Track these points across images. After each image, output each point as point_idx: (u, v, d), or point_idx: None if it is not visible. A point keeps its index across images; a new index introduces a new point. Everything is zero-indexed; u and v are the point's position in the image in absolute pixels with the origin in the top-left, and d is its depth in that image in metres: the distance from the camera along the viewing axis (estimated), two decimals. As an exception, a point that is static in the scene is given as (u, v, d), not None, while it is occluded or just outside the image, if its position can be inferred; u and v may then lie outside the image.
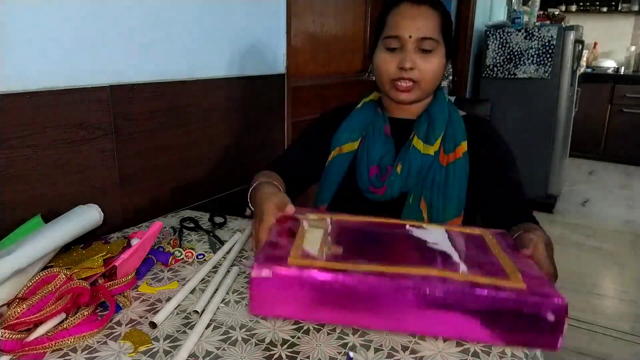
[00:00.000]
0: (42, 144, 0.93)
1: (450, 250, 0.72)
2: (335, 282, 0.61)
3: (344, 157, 1.07)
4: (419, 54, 0.98)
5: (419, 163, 1.00)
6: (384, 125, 1.06)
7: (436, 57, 0.99)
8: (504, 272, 0.65)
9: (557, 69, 3.18)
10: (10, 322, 0.62)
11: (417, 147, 1.01)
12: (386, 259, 0.67)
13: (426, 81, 0.99)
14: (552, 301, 0.58)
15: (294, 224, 0.77)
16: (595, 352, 1.87)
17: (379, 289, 0.60)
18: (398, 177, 1.00)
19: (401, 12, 0.99)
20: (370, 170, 1.02)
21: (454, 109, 1.06)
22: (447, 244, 0.74)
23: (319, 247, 0.69)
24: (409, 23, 0.97)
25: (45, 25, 0.92)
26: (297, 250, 0.66)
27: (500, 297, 0.59)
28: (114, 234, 1.05)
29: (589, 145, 4.81)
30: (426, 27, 0.97)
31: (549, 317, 0.58)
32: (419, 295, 0.60)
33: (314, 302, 0.61)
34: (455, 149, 1.00)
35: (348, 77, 2.23)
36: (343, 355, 0.61)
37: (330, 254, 0.67)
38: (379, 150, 1.03)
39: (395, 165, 1.01)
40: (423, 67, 0.98)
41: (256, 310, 0.63)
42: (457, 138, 1.01)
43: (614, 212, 3.46)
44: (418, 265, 0.65)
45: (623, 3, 4.92)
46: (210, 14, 1.29)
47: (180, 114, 1.23)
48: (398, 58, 0.98)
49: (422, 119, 1.04)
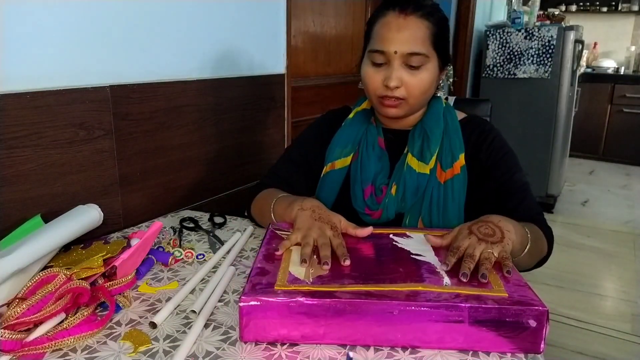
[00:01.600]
0: (42, 144, 0.93)
1: (433, 261, 0.74)
2: (322, 306, 0.62)
3: (337, 174, 1.03)
4: (406, 70, 0.91)
5: (414, 183, 0.96)
6: (378, 137, 1.02)
7: (425, 72, 0.92)
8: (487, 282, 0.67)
9: (557, 69, 3.18)
10: (10, 322, 0.62)
11: (412, 165, 0.97)
12: (371, 277, 0.68)
13: (414, 97, 0.93)
14: (534, 309, 0.60)
15: (280, 244, 0.78)
16: (595, 352, 1.87)
17: (367, 312, 0.61)
18: (393, 199, 0.97)
19: (387, 22, 0.91)
20: (365, 191, 0.98)
21: (452, 116, 1.01)
22: (430, 254, 0.76)
23: (305, 268, 0.70)
24: (394, 36, 0.90)
25: (45, 25, 0.92)
26: (284, 275, 0.68)
27: (484, 309, 0.61)
28: (114, 234, 1.05)
29: (589, 145, 4.81)
30: (414, 41, 0.89)
31: (531, 324, 0.60)
32: (404, 314, 0.61)
33: (303, 326, 0.62)
34: (453, 164, 0.96)
35: (348, 77, 2.23)
36: (343, 356, 0.61)
37: (316, 276, 0.68)
38: (373, 167, 1.00)
39: (390, 186, 0.97)
40: (410, 84, 0.91)
41: (247, 337, 0.64)
42: (454, 151, 0.97)
43: (614, 212, 3.46)
44: (403, 281, 0.66)
45: (623, 3, 4.92)
46: (210, 14, 1.29)
47: (180, 114, 1.23)
48: (383, 74, 0.92)
49: (416, 134, 0.99)
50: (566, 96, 3.25)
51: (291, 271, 0.69)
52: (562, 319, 2.08)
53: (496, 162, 0.98)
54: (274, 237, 0.83)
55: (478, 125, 1.02)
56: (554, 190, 3.45)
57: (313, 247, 0.76)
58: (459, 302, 0.61)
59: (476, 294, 0.63)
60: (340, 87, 2.18)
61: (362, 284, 0.66)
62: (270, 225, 0.88)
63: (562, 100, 3.25)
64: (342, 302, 0.62)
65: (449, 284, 0.66)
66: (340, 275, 0.69)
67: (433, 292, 0.64)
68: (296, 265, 0.71)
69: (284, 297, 0.62)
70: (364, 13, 2.30)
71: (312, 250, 0.75)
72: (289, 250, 0.77)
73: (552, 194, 3.45)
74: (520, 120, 3.33)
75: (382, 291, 0.64)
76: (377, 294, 0.63)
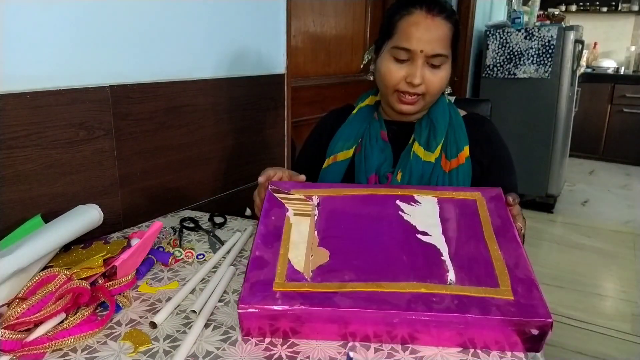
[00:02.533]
0: (42, 144, 0.93)
1: (439, 243, 0.70)
2: (322, 314, 0.61)
3: (339, 166, 1.04)
4: (428, 68, 0.94)
5: (420, 171, 0.97)
6: (381, 130, 1.04)
7: (444, 70, 0.96)
8: (493, 275, 0.65)
9: (557, 69, 3.18)
10: (10, 322, 0.62)
11: (418, 153, 0.98)
12: (374, 270, 0.66)
13: (431, 94, 0.97)
14: (538, 320, 0.59)
15: (280, 214, 0.76)
16: (595, 352, 1.87)
17: (367, 320, 0.61)
18: (398, 185, 0.97)
19: (415, 21, 0.93)
20: (369, 179, 1.00)
21: (455, 112, 1.04)
22: (437, 231, 0.72)
23: (304, 254, 0.69)
24: (422, 36, 0.92)
25: (45, 25, 0.92)
26: (283, 267, 0.67)
27: (487, 320, 0.60)
28: (114, 234, 1.05)
29: (589, 145, 4.81)
30: (439, 43, 0.93)
31: (533, 332, 0.60)
32: (405, 322, 0.61)
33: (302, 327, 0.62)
34: (458, 155, 0.98)
35: (348, 77, 2.23)
36: (343, 355, 0.61)
37: (316, 267, 0.67)
38: (376, 157, 1.01)
39: (395, 173, 0.99)
40: (431, 82, 0.95)
41: (247, 335, 0.65)
42: (459, 143, 0.99)
43: (614, 212, 3.46)
44: (406, 278, 0.65)
45: (623, 3, 4.91)
46: (210, 13, 1.29)
47: (180, 114, 1.23)
48: (406, 70, 0.94)
49: (423, 124, 1.02)
50: (566, 96, 3.25)
51: (290, 259, 0.68)
52: (562, 319, 2.08)
53: (495, 160, 1.01)
54: (273, 204, 0.78)
55: (478, 122, 1.05)
56: (554, 190, 3.45)
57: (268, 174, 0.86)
58: (460, 312, 0.60)
59: (480, 297, 0.61)
60: (340, 87, 2.18)
61: (364, 281, 0.64)
62: (269, 185, 0.82)
63: (562, 100, 3.25)
64: (341, 310, 0.61)
65: (454, 281, 0.64)
66: (341, 266, 0.67)
67: (436, 294, 0.62)
68: (297, 248, 0.69)
69: (282, 305, 0.61)
70: (364, 13, 2.31)
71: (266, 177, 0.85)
72: (289, 224, 0.74)
73: (552, 194, 3.45)
74: (520, 120, 3.33)
75: (383, 294, 0.62)
76: (378, 299, 0.62)
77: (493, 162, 1.01)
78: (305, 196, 0.80)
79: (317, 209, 0.78)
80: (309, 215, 0.76)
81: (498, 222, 0.74)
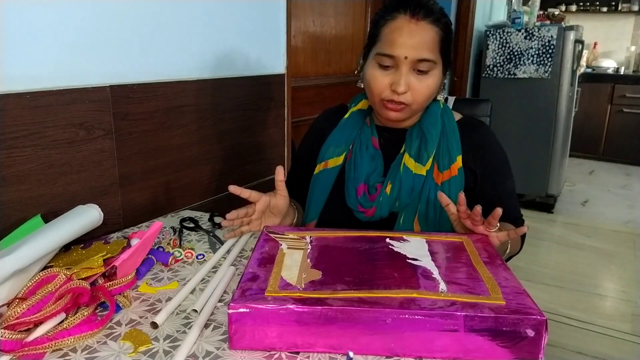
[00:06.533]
0: (42, 144, 0.94)
1: (429, 266, 0.72)
2: (313, 313, 0.60)
3: (329, 173, 1.04)
4: (414, 75, 0.91)
5: (410, 184, 0.96)
6: (372, 137, 1.02)
7: (432, 77, 0.92)
8: (482, 285, 0.66)
9: (557, 69, 3.18)
10: (10, 322, 0.62)
11: (408, 165, 0.97)
12: (365, 282, 0.66)
13: (418, 103, 0.94)
14: (531, 318, 0.59)
15: (273, 246, 0.78)
16: (595, 352, 1.87)
17: (359, 319, 0.60)
18: (387, 197, 0.96)
19: (398, 27, 0.90)
20: (358, 189, 0.99)
21: (449, 117, 1.01)
22: (427, 259, 0.75)
23: (297, 273, 0.69)
24: (405, 42, 0.89)
25: (45, 25, 0.92)
26: (276, 280, 0.67)
27: (480, 317, 0.59)
28: (114, 234, 1.05)
29: (589, 145, 4.81)
30: (424, 47, 0.89)
31: (528, 334, 0.59)
32: (398, 322, 0.60)
33: (294, 335, 0.61)
34: (450, 166, 0.96)
35: (348, 77, 2.23)
36: (343, 356, 0.61)
37: (308, 281, 0.67)
38: (366, 166, 1.00)
39: (385, 184, 0.97)
40: (417, 89, 0.91)
41: (236, 345, 0.62)
42: (452, 153, 0.97)
43: (614, 212, 3.46)
44: (397, 287, 0.65)
45: (623, 3, 4.92)
46: (210, 13, 1.29)
47: (179, 114, 1.23)
48: (390, 77, 0.91)
49: (414, 134, 1.00)
50: (566, 96, 3.25)
51: (283, 276, 0.68)
52: (562, 319, 2.08)
53: (490, 167, 1.00)
54: (267, 240, 0.81)
55: (474, 128, 1.03)
56: (554, 190, 3.45)
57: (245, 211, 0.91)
58: (454, 310, 0.59)
59: (472, 302, 0.61)
60: (340, 87, 2.18)
61: (355, 289, 0.64)
62: (264, 228, 0.87)
63: (562, 100, 3.25)
64: (333, 309, 0.60)
65: (445, 291, 0.64)
66: (333, 281, 0.67)
67: (428, 299, 0.62)
68: (289, 269, 0.70)
69: (274, 304, 0.60)
70: (364, 13, 2.31)
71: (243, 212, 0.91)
72: (282, 253, 0.76)
73: (552, 194, 3.45)
74: (520, 120, 3.33)
75: (375, 298, 0.62)
76: (370, 300, 0.61)
77: (487, 170, 1.00)
78: (299, 236, 0.83)
79: (310, 245, 0.80)
80: (303, 249, 0.78)
81: (485, 254, 0.77)
